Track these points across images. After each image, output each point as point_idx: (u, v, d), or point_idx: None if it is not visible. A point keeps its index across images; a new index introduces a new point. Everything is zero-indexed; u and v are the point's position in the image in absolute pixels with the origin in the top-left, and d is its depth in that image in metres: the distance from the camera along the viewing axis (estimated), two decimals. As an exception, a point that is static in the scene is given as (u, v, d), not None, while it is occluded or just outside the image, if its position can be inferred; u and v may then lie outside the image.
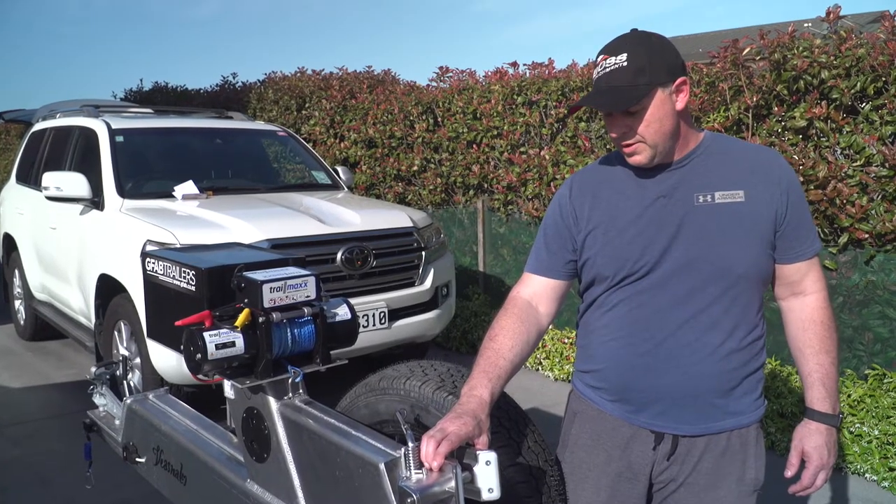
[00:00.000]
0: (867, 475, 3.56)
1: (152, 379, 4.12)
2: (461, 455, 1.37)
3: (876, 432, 3.64)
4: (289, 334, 1.69)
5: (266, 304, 1.63)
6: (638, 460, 1.77)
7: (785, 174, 1.70)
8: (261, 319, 1.63)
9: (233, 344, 1.61)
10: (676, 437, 1.73)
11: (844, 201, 4.09)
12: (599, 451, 1.80)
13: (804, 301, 1.77)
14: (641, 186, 1.72)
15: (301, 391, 1.74)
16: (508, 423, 1.66)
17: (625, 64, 1.60)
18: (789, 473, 1.72)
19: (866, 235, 4.08)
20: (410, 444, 1.40)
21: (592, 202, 1.77)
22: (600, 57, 1.65)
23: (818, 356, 1.74)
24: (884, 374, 4.00)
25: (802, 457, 1.73)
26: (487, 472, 1.34)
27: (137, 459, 2.34)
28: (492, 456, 1.34)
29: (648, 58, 1.60)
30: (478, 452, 1.35)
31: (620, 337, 1.74)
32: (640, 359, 1.71)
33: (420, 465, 1.39)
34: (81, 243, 4.89)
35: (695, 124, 1.77)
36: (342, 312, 1.81)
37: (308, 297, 1.70)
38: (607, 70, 1.62)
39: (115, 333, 4.51)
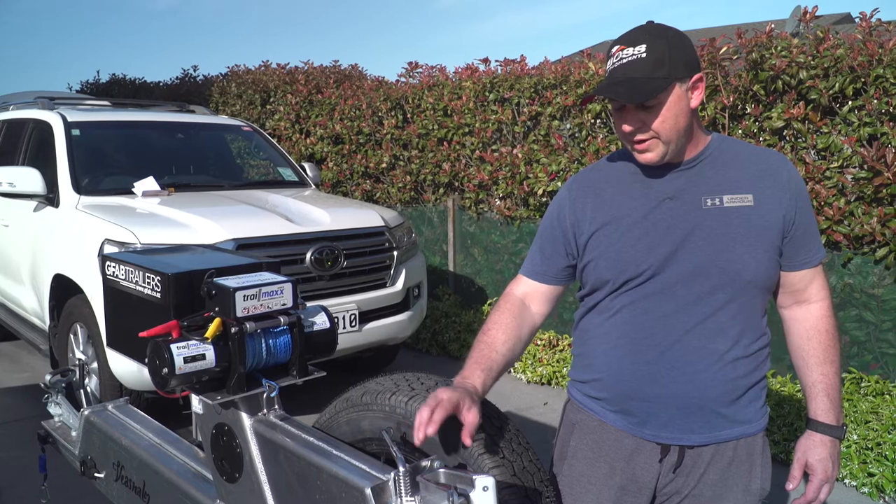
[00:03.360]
0: (846, 481, 3.52)
1: (110, 385, 3.94)
2: (457, 481, 1.26)
3: (854, 437, 3.61)
4: (263, 345, 1.58)
5: (239, 313, 1.51)
6: (643, 473, 1.70)
7: (794, 178, 1.65)
8: (233, 330, 1.52)
9: (203, 357, 1.50)
10: (683, 448, 1.67)
11: (822, 203, 4.06)
12: (601, 463, 1.73)
13: (808, 310, 1.72)
14: (647, 187, 1.66)
15: (276, 406, 1.63)
16: (502, 443, 1.55)
17: (644, 55, 1.53)
18: (791, 486, 1.67)
19: (842, 238, 4.06)
20: (401, 468, 1.28)
21: (595, 203, 1.70)
22: (616, 48, 1.58)
23: (822, 366, 1.69)
24: (861, 377, 3.98)
25: (805, 469, 1.68)
26: (485, 499, 1.23)
27: (96, 475, 2.21)
28: (489, 481, 1.23)
29: (668, 50, 1.53)
30: (474, 478, 1.24)
31: (623, 344, 1.67)
32: (645, 367, 1.64)
33: (413, 492, 1.28)
34: (35, 242, 4.68)
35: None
36: (320, 321, 1.70)
37: (284, 304, 1.59)
38: (624, 61, 1.55)
39: (71, 336, 4.31)
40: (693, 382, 1.61)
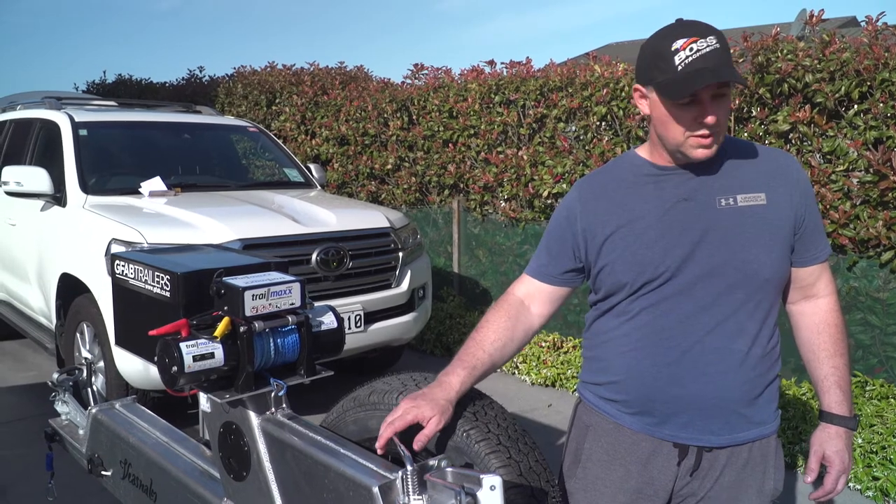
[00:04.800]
0: (851, 484, 3.51)
1: (117, 384, 3.96)
2: (464, 480, 1.27)
3: (859, 440, 3.60)
4: (272, 345, 1.58)
5: (248, 313, 1.52)
6: (660, 476, 1.70)
7: (802, 176, 1.68)
8: (242, 329, 1.52)
9: (211, 355, 1.50)
10: (701, 450, 1.67)
11: (828, 206, 4.06)
12: (616, 466, 1.73)
13: (817, 304, 1.74)
14: (660, 188, 1.66)
15: (284, 405, 1.64)
16: (508, 443, 1.56)
17: (718, 46, 1.53)
18: (809, 479, 1.68)
19: (847, 241, 4.06)
20: (409, 467, 1.29)
21: (607, 207, 1.69)
22: (683, 41, 1.53)
23: (833, 359, 1.71)
24: (866, 381, 3.98)
25: (822, 461, 1.70)
26: (492, 498, 1.24)
27: (103, 472, 2.22)
28: (496, 480, 1.24)
29: (728, 46, 1.57)
30: (481, 477, 1.24)
31: (643, 347, 1.66)
32: (666, 368, 1.64)
33: (420, 491, 1.28)
34: (42, 241, 4.70)
35: None
36: (328, 321, 1.71)
37: (292, 304, 1.59)
38: (703, 51, 1.51)
39: (77, 335, 4.33)
40: (714, 383, 1.62)
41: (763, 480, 1.70)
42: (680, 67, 1.52)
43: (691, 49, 1.52)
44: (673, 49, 1.53)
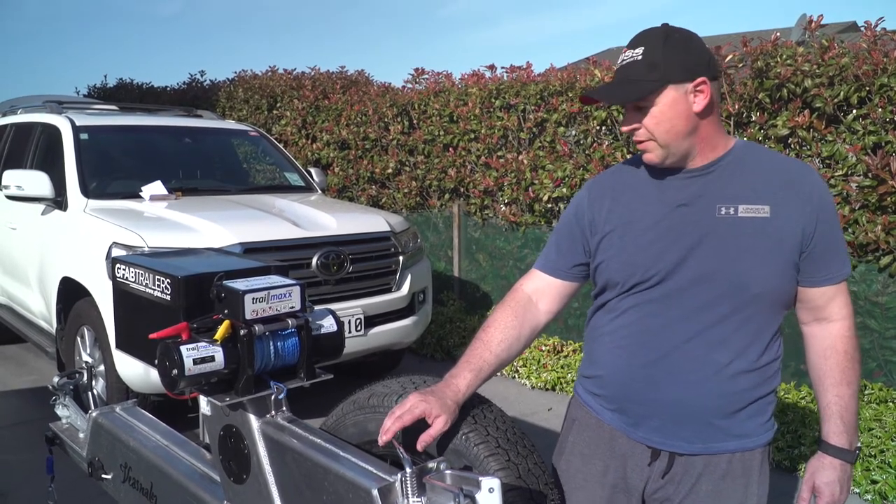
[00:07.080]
0: (850, 488, 3.52)
1: (117, 388, 3.96)
2: (463, 482, 1.28)
3: (857, 443, 3.60)
4: (272, 348, 1.59)
5: (248, 316, 1.53)
6: (632, 475, 1.71)
7: (817, 191, 1.59)
8: (242, 332, 1.53)
9: (212, 359, 1.51)
10: (673, 454, 1.66)
11: (827, 210, 4.07)
12: (596, 460, 1.75)
13: (828, 328, 1.66)
14: (662, 192, 1.65)
15: (284, 408, 1.65)
16: (507, 445, 1.57)
17: (639, 58, 1.56)
18: None
19: (846, 245, 4.07)
20: (408, 469, 1.30)
21: (611, 205, 1.71)
22: (624, 49, 1.62)
23: (838, 387, 1.64)
24: (865, 385, 3.98)
25: (813, 491, 1.65)
26: (491, 500, 1.25)
27: (104, 476, 2.22)
28: (495, 483, 1.25)
29: (664, 54, 1.54)
30: (480, 479, 1.25)
31: (626, 345, 1.68)
32: (642, 370, 1.65)
33: (419, 493, 1.29)
34: (43, 245, 4.70)
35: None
36: (328, 324, 1.72)
37: (292, 307, 1.60)
38: (624, 63, 1.60)
39: (78, 339, 4.33)
40: (688, 391, 1.61)
41: (745, 495, 1.66)
42: (614, 73, 1.63)
43: (621, 59, 1.61)
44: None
